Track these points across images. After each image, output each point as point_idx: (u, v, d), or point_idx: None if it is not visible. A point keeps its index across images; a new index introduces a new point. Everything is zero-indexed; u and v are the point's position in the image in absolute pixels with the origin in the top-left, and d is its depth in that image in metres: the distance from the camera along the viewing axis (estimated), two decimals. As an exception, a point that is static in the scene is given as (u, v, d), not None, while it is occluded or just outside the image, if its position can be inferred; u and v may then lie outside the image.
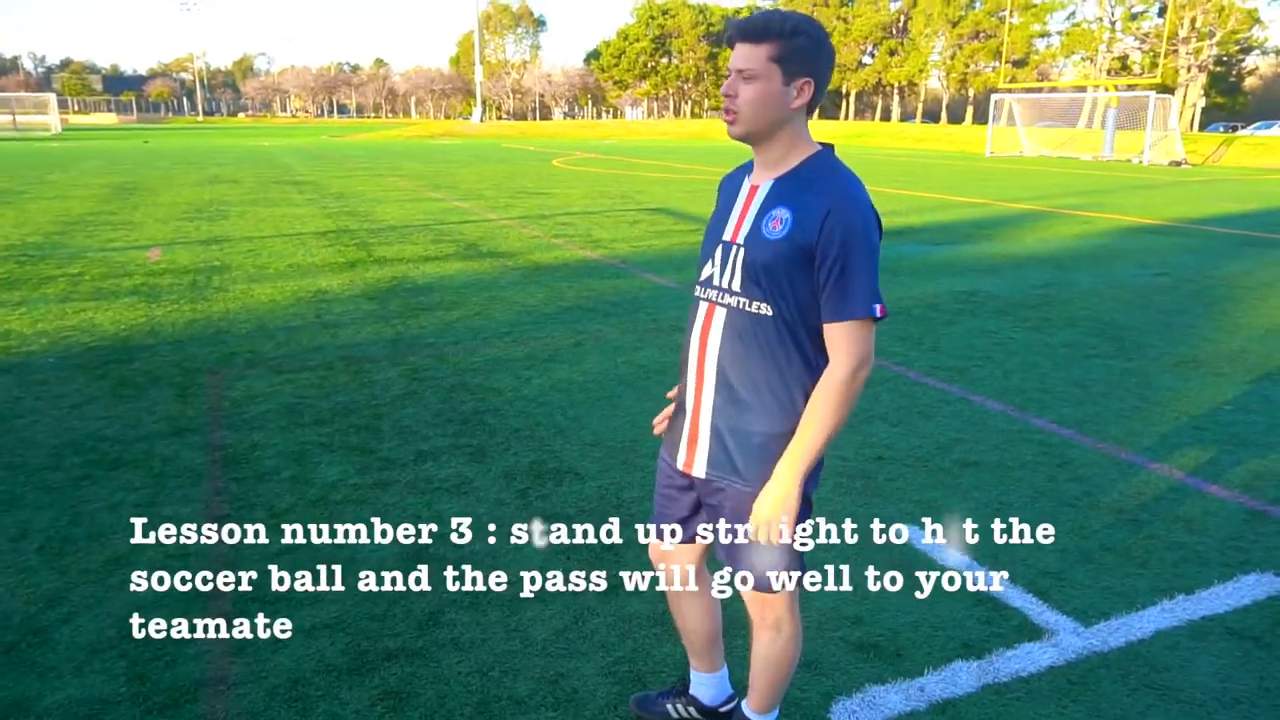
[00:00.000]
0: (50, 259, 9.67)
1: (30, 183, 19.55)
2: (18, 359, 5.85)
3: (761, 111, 1.89)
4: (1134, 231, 13.27)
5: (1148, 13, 68.94)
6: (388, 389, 5.30)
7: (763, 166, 1.99)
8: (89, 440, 4.45)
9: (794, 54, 1.86)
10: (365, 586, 3.12)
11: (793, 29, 1.86)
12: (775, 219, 1.91)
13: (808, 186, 1.91)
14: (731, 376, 1.99)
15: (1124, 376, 5.76)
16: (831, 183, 1.90)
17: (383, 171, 24.44)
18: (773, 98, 1.88)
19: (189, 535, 3.43)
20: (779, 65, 1.86)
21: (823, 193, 1.88)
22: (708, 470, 2.06)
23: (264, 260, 9.69)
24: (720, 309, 2.00)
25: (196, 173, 22.98)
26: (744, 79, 1.88)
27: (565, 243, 11.19)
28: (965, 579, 3.24)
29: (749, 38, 1.87)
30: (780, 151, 1.95)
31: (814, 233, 1.86)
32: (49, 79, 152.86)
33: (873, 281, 1.87)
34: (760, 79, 1.87)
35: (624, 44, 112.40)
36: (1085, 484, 4.08)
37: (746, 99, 1.89)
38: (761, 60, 1.86)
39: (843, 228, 1.84)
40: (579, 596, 3.09)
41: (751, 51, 1.86)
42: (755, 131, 1.92)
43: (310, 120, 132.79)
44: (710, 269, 2.03)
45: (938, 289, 8.51)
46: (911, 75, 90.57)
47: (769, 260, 1.91)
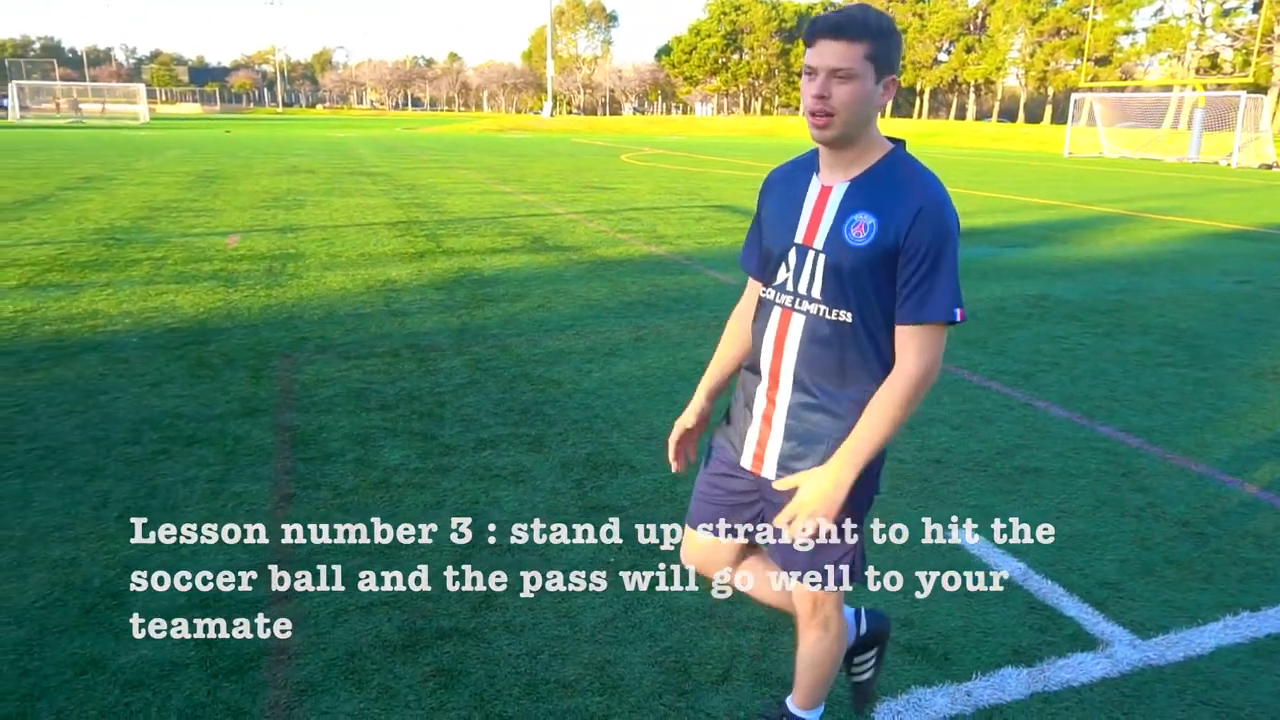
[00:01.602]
0: (136, 243, 10.07)
1: (119, 169, 20.35)
2: (104, 337, 6.13)
3: (858, 112, 1.84)
4: (1218, 237, 12.81)
5: (1241, 8, 66.31)
6: (451, 377, 5.42)
7: (834, 167, 1.94)
8: (166, 417, 4.65)
9: (887, 51, 1.83)
10: (422, 566, 3.22)
11: (888, 27, 1.83)
12: (859, 224, 1.88)
13: (891, 188, 1.87)
14: (808, 381, 1.97)
15: (1197, 386, 5.59)
16: (917, 183, 1.87)
17: (454, 164, 24.83)
18: (868, 97, 1.84)
19: (257, 510, 3.58)
20: (873, 64, 1.82)
21: (909, 194, 1.85)
22: (779, 471, 2.04)
23: (337, 249, 9.95)
24: (798, 315, 1.97)
25: (275, 162, 23.65)
26: (840, 79, 1.81)
27: (630, 238, 11.26)
28: (1019, 585, 3.20)
29: (846, 35, 1.80)
30: (858, 151, 1.91)
31: (901, 235, 1.83)
32: (139, 70, 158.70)
33: (956, 285, 1.85)
34: (858, 78, 1.81)
35: (695, 40, 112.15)
36: (1150, 495, 3.98)
37: (843, 100, 1.82)
38: (859, 59, 1.80)
39: (932, 230, 1.82)
40: (629, 586, 3.13)
41: (848, 50, 1.80)
42: (847, 134, 1.87)
43: (385, 112, 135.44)
44: (784, 273, 1.99)
45: (1006, 292, 8.35)
46: (988, 73, 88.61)
47: (855, 266, 1.88)
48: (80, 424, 4.53)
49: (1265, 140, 35.46)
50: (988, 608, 3.06)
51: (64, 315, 6.72)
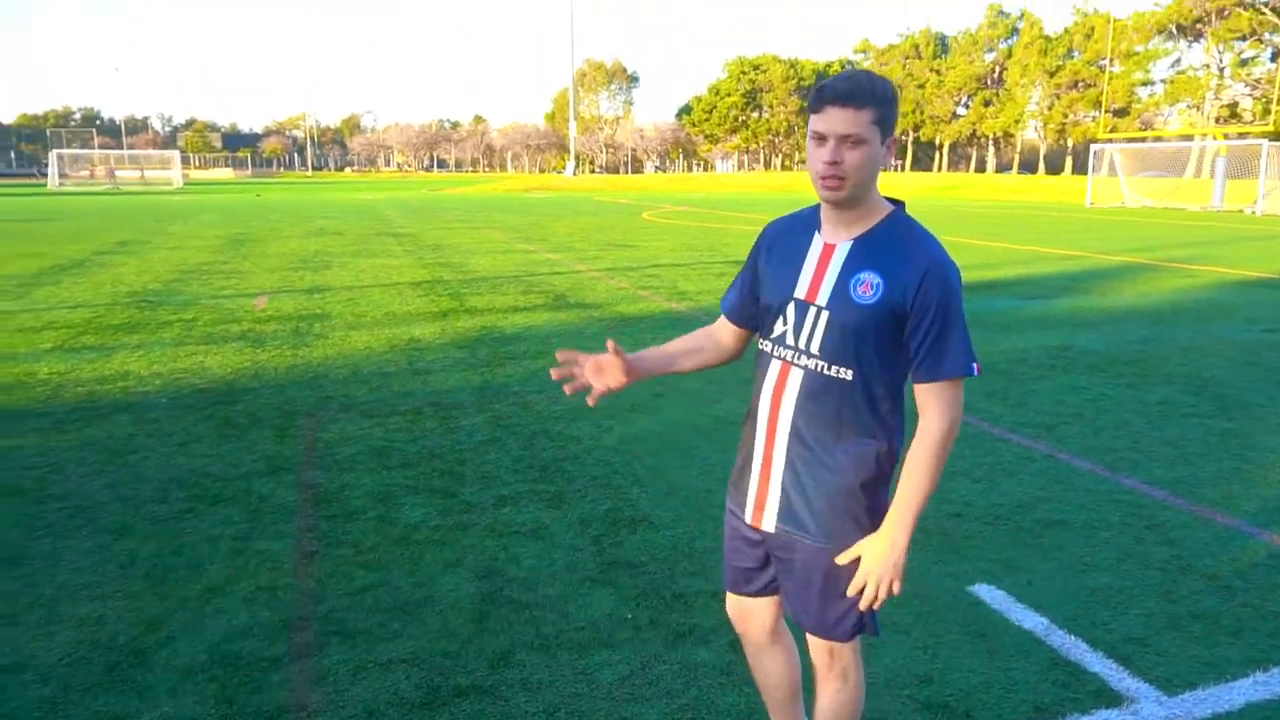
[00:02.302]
0: (168, 305, 10.30)
1: (153, 234, 20.87)
2: (135, 398, 6.26)
3: (867, 174, 1.91)
4: (1243, 285, 12.73)
5: (1259, 58, 66.57)
6: (472, 435, 5.47)
7: (838, 225, 1.99)
8: (194, 476, 4.73)
9: (889, 115, 1.90)
10: (440, 624, 3.23)
11: (891, 92, 1.90)
12: (865, 283, 1.92)
13: (896, 249, 1.93)
14: (805, 434, 2.01)
15: (1224, 437, 5.53)
16: (920, 245, 1.93)
17: (478, 224, 25.24)
18: (876, 160, 1.91)
19: (279, 568, 3.62)
20: (879, 128, 1.89)
21: (914, 256, 1.91)
22: (778, 525, 2.07)
23: (362, 309, 10.12)
24: (796, 369, 2.00)
25: (303, 225, 24.16)
26: (849, 145, 1.87)
27: (651, 294, 11.36)
28: (1042, 641, 3.16)
29: (854, 103, 1.86)
30: (861, 211, 1.97)
31: (909, 296, 1.89)
32: (175, 137, 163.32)
33: (968, 340, 1.92)
34: (866, 143, 1.88)
35: (715, 99, 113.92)
36: (1176, 548, 3.93)
37: (854, 164, 1.88)
38: (866, 124, 1.86)
39: (939, 290, 1.89)
40: (647, 643, 3.13)
41: (856, 116, 1.86)
42: (857, 195, 1.93)
43: (412, 174, 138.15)
44: (782, 327, 2.03)
45: (1028, 343, 8.33)
46: (1007, 126, 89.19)
47: (860, 324, 1.92)
48: (110, 483, 4.62)
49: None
50: (1010, 663, 3.02)
51: (97, 377, 6.87)
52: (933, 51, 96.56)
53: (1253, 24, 63.47)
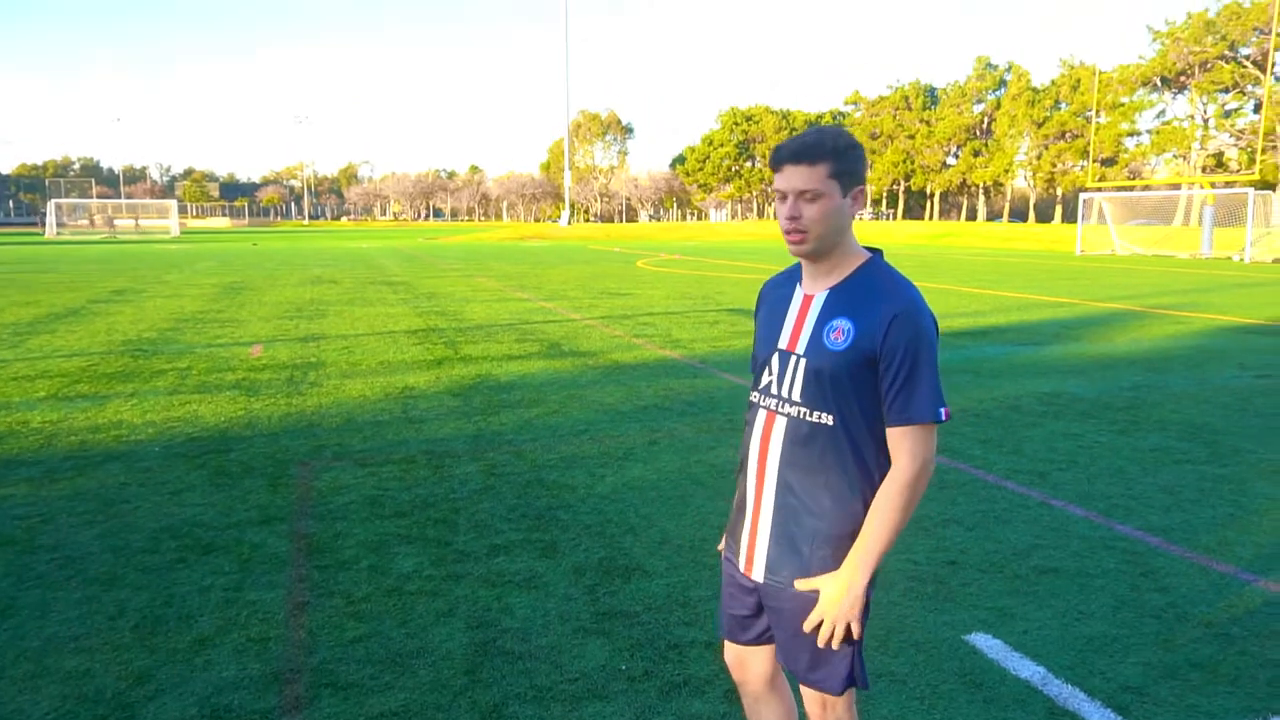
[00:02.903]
0: (162, 354, 10.31)
1: (149, 282, 20.94)
2: (127, 447, 6.23)
3: (828, 226, 1.96)
4: (1233, 331, 12.82)
5: (1242, 109, 67.80)
6: (466, 483, 5.46)
7: (815, 277, 2.06)
8: (186, 526, 4.70)
9: (849, 167, 1.95)
10: (432, 675, 3.20)
11: (845, 145, 1.95)
12: (837, 329, 1.96)
13: (868, 295, 1.97)
14: (792, 482, 2.04)
15: (1217, 483, 5.54)
16: (890, 291, 1.96)
17: (473, 272, 25.38)
18: (837, 212, 1.96)
19: (271, 619, 3.58)
20: (837, 181, 1.94)
21: (885, 300, 1.94)
22: (766, 575, 2.09)
23: (357, 357, 10.14)
24: (780, 418, 2.05)
25: (299, 273, 24.26)
26: (806, 199, 1.95)
27: (645, 342, 11.41)
28: (1039, 690, 3.13)
29: (806, 160, 1.93)
30: (834, 262, 2.02)
31: (878, 340, 1.91)
32: (172, 186, 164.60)
33: (937, 385, 1.93)
34: (824, 197, 1.94)
35: (709, 149, 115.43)
36: (1171, 595, 3.92)
37: (813, 218, 1.95)
38: (821, 179, 1.93)
39: (908, 334, 1.90)
40: (641, 694, 3.10)
41: (810, 172, 1.93)
42: (822, 247, 1.99)
43: (407, 223, 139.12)
44: (768, 377, 2.08)
45: (1020, 390, 8.36)
46: (997, 175, 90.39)
47: (833, 370, 1.96)
48: (101, 533, 4.59)
49: (1278, 235, 35.73)
50: (1007, 713, 3.00)
51: (90, 426, 6.85)
52: (922, 103, 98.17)
53: (1235, 76, 64.79)
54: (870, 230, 70.36)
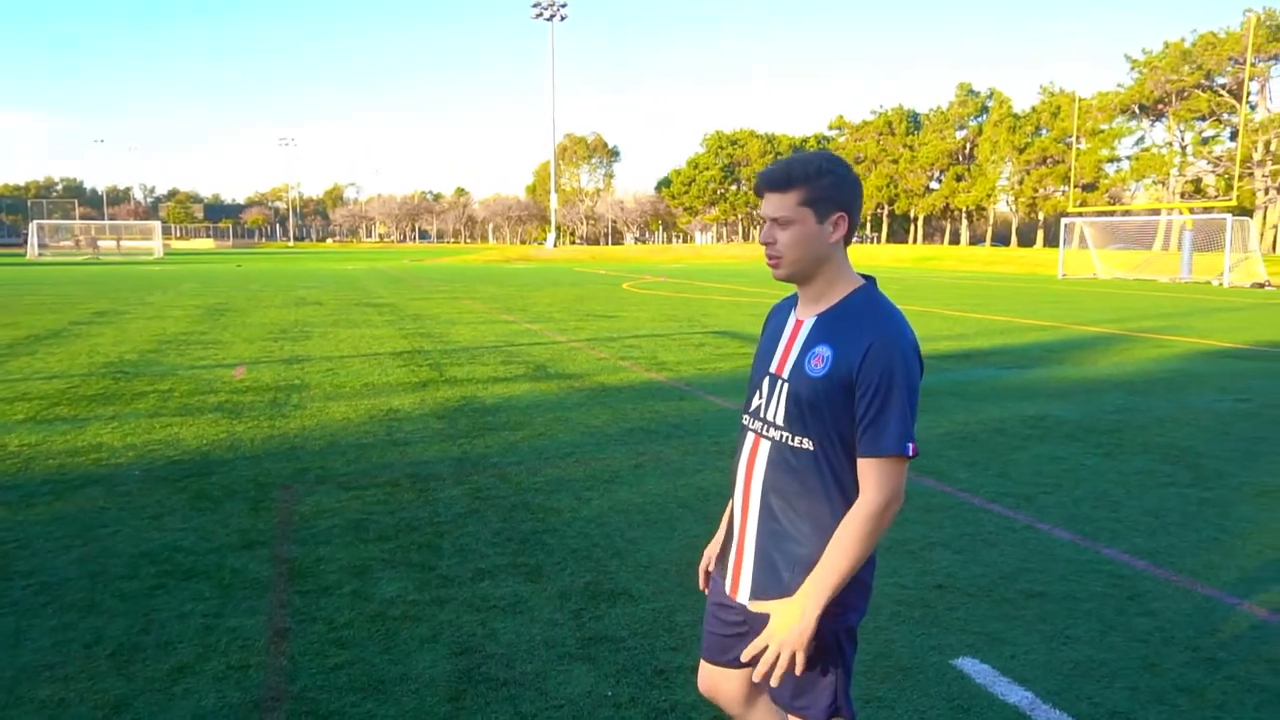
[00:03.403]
0: (144, 376, 10.22)
1: (132, 304, 20.80)
2: (107, 471, 6.16)
3: (802, 252, 1.99)
4: (1214, 355, 12.94)
5: (1219, 136, 68.83)
6: (450, 507, 5.41)
7: (806, 302, 2.07)
8: (165, 550, 4.63)
9: (823, 194, 1.96)
10: (416, 703, 3.15)
11: (816, 171, 1.96)
12: (817, 356, 1.97)
13: (850, 323, 1.97)
14: (775, 507, 2.03)
15: (1201, 506, 5.56)
16: (873, 319, 1.95)
17: (459, 294, 25.35)
18: (810, 238, 1.98)
19: (251, 646, 3.52)
20: (810, 207, 1.96)
21: (865, 329, 1.94)
22: (750, 597, 2.08)
23: (341, 379, 10.08)
24: (765, 441, 2.05)
25: (284, 295, 24.16)
26: (779, 225, 1.98)
27: (631, 365, 11.40)
28: (1027, 715, 3.12)
29: (776, 188, 1.98)
30: (822, 287, 2.03)
31: (854, 368, 1.91)
32: (156, 208, 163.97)
33: (908, 420, 1.90)
34: (795, 223, 1.97)
35: (694, 172, 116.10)
36: (1158, 619, 3.92)
37: (785, 243, 1.99)
38: (792, 206, 1.96)
39: (882, 364, 1.89)
40: (628, 719, 3.06)
41: (781, 199, 1.97)
42: (799, 271, 2.02)
43: (393, 245, 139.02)
44: (758, 400, 2.09)
45: (1005, 413, 8.39)
46: (979, 200, 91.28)
47: (811, 397, 1.96)
48: (78, 558, 4.52)
49: (1255, 260, 36.17)
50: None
51: (69, 449, 6.77)
52: (905, 128, 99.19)
53: (1211, 105, 65.80)
54: (854, 253, 70.69)
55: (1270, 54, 61.31)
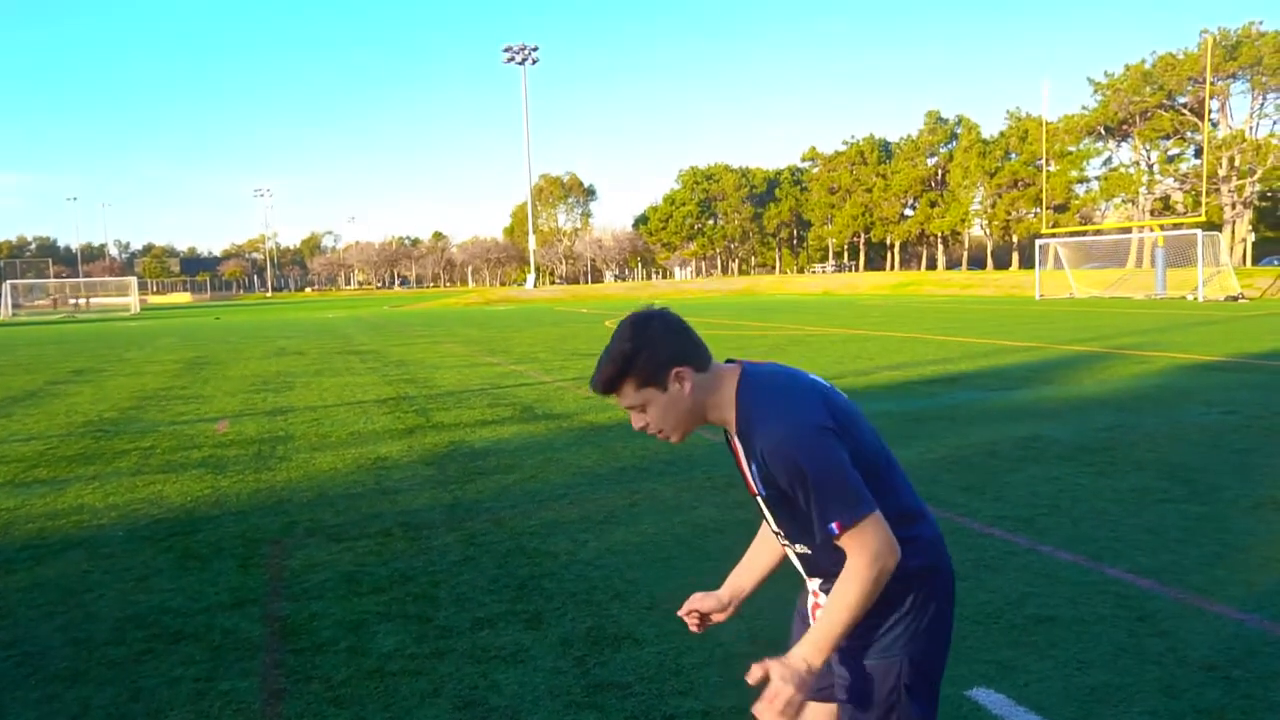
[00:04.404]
0: (124, 434, 10.05)
1: (109, 360, 20.57)
2: (89, 532, 6.01)
3: (675, 418, 2.00)
4: (1196, 369, 13.03)
5: (1184, 155, 70.09)
6: (445, 555, 5.31)
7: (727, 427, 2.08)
8: (152, 613, 4.50)
9: (646, 368, 1.96)
10: (420, 764, 3.04)
11: (626, 357, 1.95)
12: (754, 477, 1.98)
13: (748, 433, 1.96)
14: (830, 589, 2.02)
15: (1200, 521, 5.53)
16: (757, 420, 1.94)
17: (441, 338, 25.25)
18: (670, 403, 1.98)
19: (246, 709, 3.40)
20: (644, 383, 1.97)
21: (753, 436, 1.93)
22: None
23: (326, 429, 9.95)
24: (790, 547, 2.10)
25: (264, 345, 23.99)
26: (638, 411, 2.01)
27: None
28: (1049, 746, 3.04)
29: (610, 391, 1.99)
30: (718, 414, 2.02)
31: (769, 473, 1.92)
32: (132, 263, 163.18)
33: (842, 490, 1.86)
34: (649, 402, 1.98)
35: (671, 208, 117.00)
36: (1170, 639, 3.87)
37: (656, 417, 2.00)
38: (631, 394, 1.98)
39: (783, 461, 1.88)
40: (640, 771, 2.96)
41: (620, 397, 1.99)
42: (686, 430, 2.03)
43: (373, 292, 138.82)
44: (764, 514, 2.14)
45: (997, 435, 8.38)
46: (954, 224, 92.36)
47: (779, 510, 2.01)
48: (62, 625, 4.38)
49: (1228, 274, 36.71)
50: (1019, 773, 2.90)
51: (48, 512, 6.61)
52: (877, 157, 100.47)
53: (1174, 124, 67.07)
54: (835, 283, 71.29)
55: (1228, 73, 62.67)
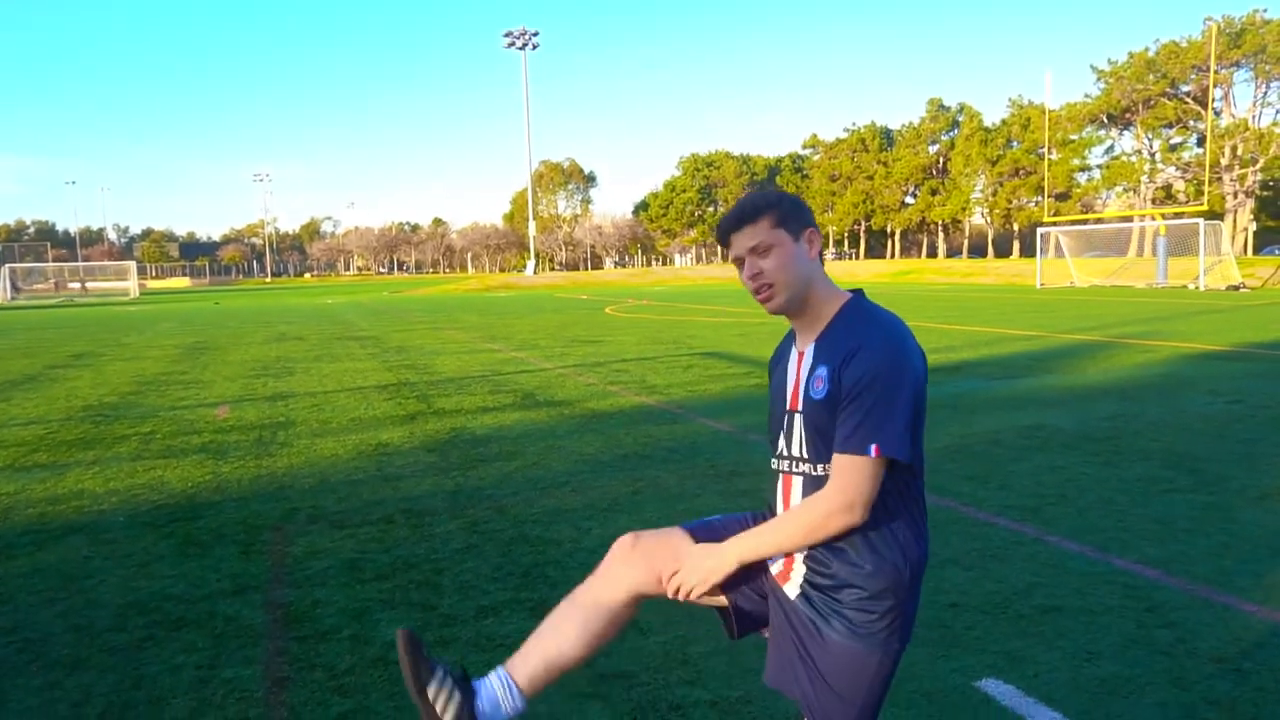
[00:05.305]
0: (124, 419, 10.01)
1: (108, 345, 20.52)
2: (89, 518, 5.98)
3: (791, 273, 1.96)
4: (1200, 358, 12.99)
5: (1186, 143, 69.84)
6: (448, 542, 5.28)
7: (803, 331, 2.05)
8: (154, 600, 4.47)
9: (789, 213, 1.98)
10: (425, 753, 3.01)
11: (779, 196, 1.99)
12: (818, 378, 1.94)
13: (840, 337, 1.95)
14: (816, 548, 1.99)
15: (1206, 511, 5.51)
16: (859, 327, 1.94)
17: (441, 324, 25.20)
18: (794, 257, 1.97)
19: (249, 698, 3.38)
20: (783, 228, 1.96)
21: (849, 339, 1.92)
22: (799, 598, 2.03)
23: (327, 415, 9.91)
24: (796, 478, 2.01)
25: (264, 331, 23.94)
26: (760, 254, 1.96)
27: (620, 389, 11.30)
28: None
29: (746, 220, 1.97)
30: (814, 312, 2.01)
31: (842, 378, 1.90)
32: (131, 248, 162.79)
33: (881, 420, 1.83)
34: (775, 246, 1.96)
35: (671, 195, 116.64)
36: (1178, 630, 3.84)
37: (773, 268, 1.96)
38: (767, 230, 1.96)
39: (863, 366, 1.87)
40: (647, 762, 2.94)
41: (754, 229, 1.96)
42: (793, 295, 1.98)
43: (372, 277, 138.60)
44: (781, 441, 2.06)
45: (1000, 424, 8.34)
46: (955, 213, 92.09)
47: (820, 419, 1.93)
48: (62, 611, 4.35)
49: (1229, 263, 36.63)
50: (1029, 765, 2.88)
51: (49, 497, 6.58)
52: (879, 144, 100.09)
53: (1177, 112, 66.82)
54: (834, 270, 71.17)
55: (1231, 61, 62.37)
